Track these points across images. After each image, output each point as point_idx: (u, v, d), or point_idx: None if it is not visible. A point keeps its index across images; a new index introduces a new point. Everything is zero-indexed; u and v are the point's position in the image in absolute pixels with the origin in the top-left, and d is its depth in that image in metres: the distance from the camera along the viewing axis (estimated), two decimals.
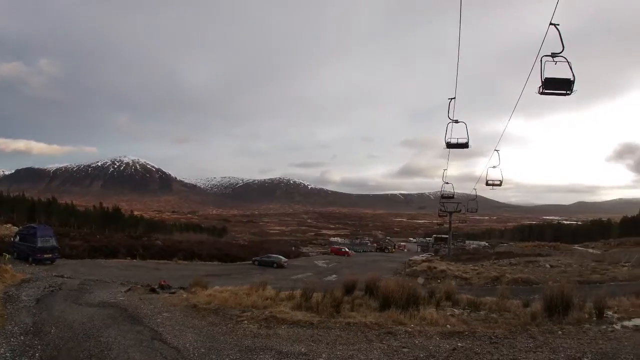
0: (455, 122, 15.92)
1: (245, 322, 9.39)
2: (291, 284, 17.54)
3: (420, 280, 26.90)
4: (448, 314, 10.19)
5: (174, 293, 14.95)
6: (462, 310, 10.84)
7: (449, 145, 17.34)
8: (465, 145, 17.41)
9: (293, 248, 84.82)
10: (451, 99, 14.62)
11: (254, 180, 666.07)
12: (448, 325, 8.85)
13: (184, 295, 13.60)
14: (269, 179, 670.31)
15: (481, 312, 10.53)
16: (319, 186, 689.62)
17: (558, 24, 9.22)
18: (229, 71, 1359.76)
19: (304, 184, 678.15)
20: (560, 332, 8.12)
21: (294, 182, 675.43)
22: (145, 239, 60.66)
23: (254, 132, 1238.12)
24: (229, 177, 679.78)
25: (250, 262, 45.53)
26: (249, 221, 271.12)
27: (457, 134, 16.83)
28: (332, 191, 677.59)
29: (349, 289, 13.01)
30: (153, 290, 15.79)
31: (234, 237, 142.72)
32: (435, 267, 35.69)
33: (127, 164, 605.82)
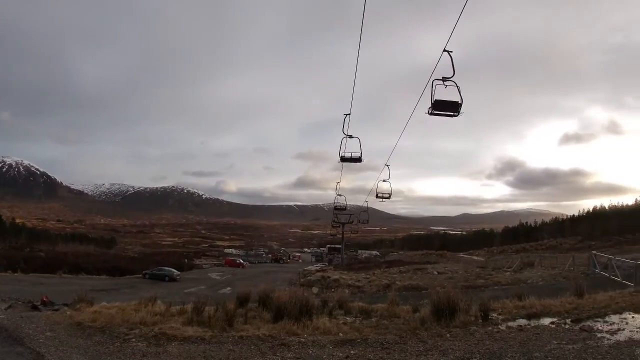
0: (350, 137, 17.08)
1: (134, 340, 9.13)
2: (184, 298, 16.96)
3: (315, 289, 27.83)
4: (341, 322, 10.50)
5: (57, 310, 14.46)
6: (354, 318, 11.17)
7: (343, 159, 18.52)
8: (358, 160, 18.70)
9: (186, 260, 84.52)
10: (346, 114, 15.94)
11: (146, 188, 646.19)
12: (341, 334, 9.07)
13: (68, 313, 13.01)
14: (161, 187, 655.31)
15: (373, 319, 10.85)
16: (214, 196, 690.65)
17: (451, 51, 10.15)
18: (121, 70, 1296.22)
19: (199, 194, 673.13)
20: (448, 335, 8.60)
21: (188, 191, 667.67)
22: (27, 250, 56.01)
23: (146, 136, 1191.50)
24: (119, 184, 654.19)
25: (141, 275, 45.60)
26: (140, 232, 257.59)
27: (351, 149, 18.05)
28: (227, 201, 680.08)
29: (243, 301, 13.18)
30: (35, 307, 15.40)
31: (123, 248, 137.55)
32: (329, 277, 37.00)
33: (10, 165, 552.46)
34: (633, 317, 9.61)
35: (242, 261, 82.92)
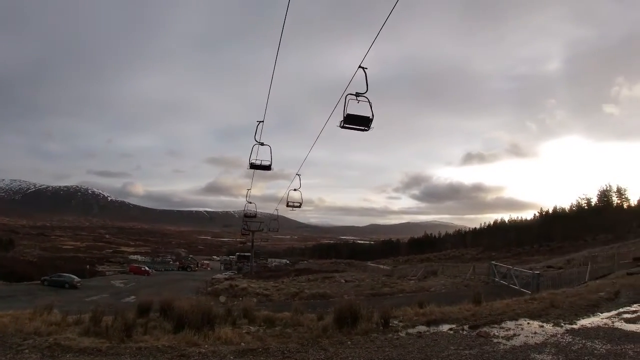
0: (261, 145, 17.23)
1: (27, 351, 8.55)
2: (84, 306, 15.91)
3: (222, 298, 27.77)
4: (244, 331, 10.32)
5: None
6: (258, 327, 11.03)
7: (253, 167, 18.60)
8: (268, 168, 18.90)
9: (88, 266, 79.22)
10: (260, 122, 16.21)
11: (48, 187, 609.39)
12: (243, 343, 8.95)
13: None
14: (64, 187, 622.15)
15: (277, 328, 10.78)
16: (120, 198, 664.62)
17: (366, 68, 10.60)
18: (26, 58, 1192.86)
19: (104, 195, 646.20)
20: (349, 342, 8.70)
21: (93, 192, 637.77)
22: None
23: (48, 130, 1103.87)
24: (19, 181, 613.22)
25: (40, 281, 44.32)
26: (40, 234, 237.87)
27: (263, 157, 18.21)
28: (134, 205, 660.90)
29: (143, 310, 12.79)
30: None
31: (22, 251, 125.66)
32: (237, 285, 36.93)
33: None
34: (528, 323, 10.17)
35: (147, 268, 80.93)
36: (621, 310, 11.40)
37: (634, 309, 11.41)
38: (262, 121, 16.07)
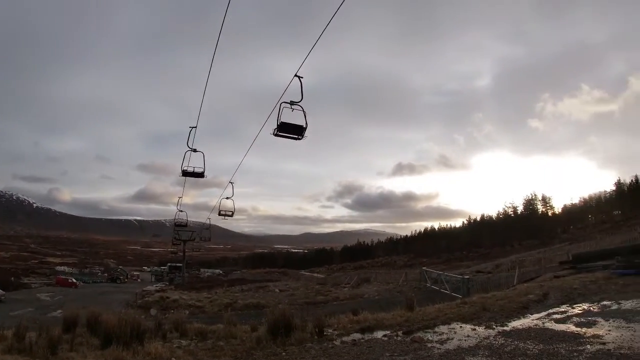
0: (194, 151, 17.05)
1: None
2: (8, 321, 14.71)
3: (153, 311, 27.01)
4: (175, 346, 10.03)
5: None
6: (189, 341, 10.63)
7: (185, 174, 18.27)
8: (200, 175, 18.83)
9: (12, 278, 73.93)
10: (192, 127, 15.90)
11: None
12: (173, 359, 8.52)
13: None
14: None
15: (209, 341, 10.43)
16: (45, 205, 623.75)
17: (302, 77, 10.70)
18: None
19: (29, 202, 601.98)
20: (284, 353, 8.57)
21: (18, 197, 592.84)
22: None
23: None
24: None
25: None
26: None
27: (195, 163, 17.92)
28: (60, 212, 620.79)
29: (70, 325, 12.21)
30: None
31: None
32: (168, 297, 35.94)
33: None
34: (461, 326, 10.27)
35: (75, 280, 76.60)
36: (550, 311, 11.73)
37: (563, 309, 11.77)
38: (195, 127, 15.84)
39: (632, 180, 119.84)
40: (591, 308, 11.48)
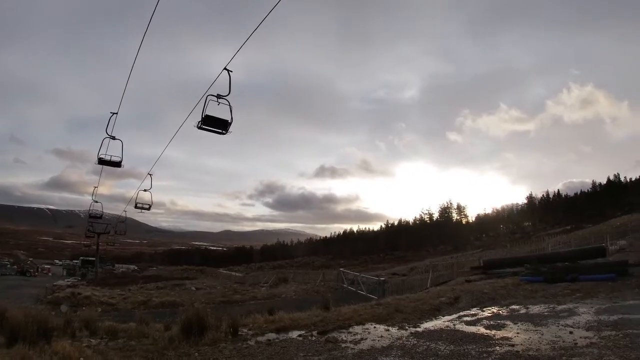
0: (112, 139, 16.59)
1: None
2: None
3: (64, 307, 25.35)
4: (84, 345, 9.47)
5: None
6: (99, 340, 10.08)
7: (102, 162, 17.82)
8: (118, 165, 18.45)
9: None
10: (113, 113, 14.96)
11: None
12: (82, 359, 7.99)
13: None
14: None
15: (120, 340, 9.95)
16: None
17: (231, 71, 10.60)
18: None
19: None
20: (196, 353, 8.39)
21: None
22: None
23: None
24: None
25: None
26: None
27: (113, 152, 17.53)
28: None
29: None
30: None
31: None
32: (80, 293, 33.80)
33: None
34: (375, 327, 10.34)
35: None
36: (461, 313, 12.08)
37: (473, 312, 12.14)
38: (116, 113, 15.15)
39: (542, 195, 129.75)
40: (500, 311, 11.88)
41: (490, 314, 11.60)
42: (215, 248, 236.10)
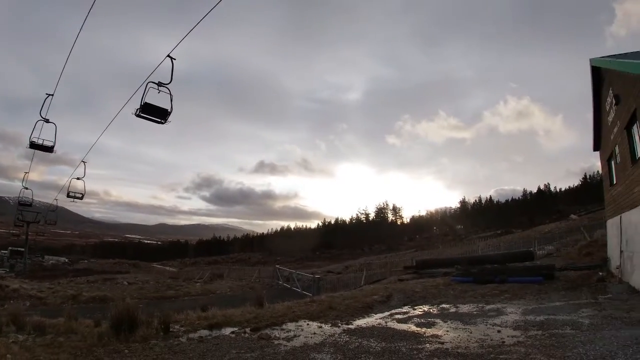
0: (46, 122, 15.91)
1: None
2: None
3: None
4: (11, 341, 9.01)
5: None
6: (27, 336, 9.56)
7: (33, 146, 17.15)
8: (50, 149, 17.52)
9: None
10: (49, 95, 14.16)
11: None
12: (9, 355, 7.74)
13: None
14: None
15: (48, 336, 9.46)
16: None
17: (175, 59, 10.34)
18: None
19: None
20: (127, 350, 8.16)
21: None
22: None
23: None
24: None
25: None
26: None
27: (46, 135, 16.91)
28: None
29: None
30: None
31: None
32: (7, 286, 32.08)
33: None
34: (308, 324, 10.36)
35: None
36: (393, 311, 12.28)
37: (405, 310, 12.38)
38: (52, 95, 14.29)
39: (475, 200, 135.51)
40: (431, 310, 12.16)
41: (421, 313, 11.85)
42: (149, 242, 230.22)
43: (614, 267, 16.82)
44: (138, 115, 11.02)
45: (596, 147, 20.62)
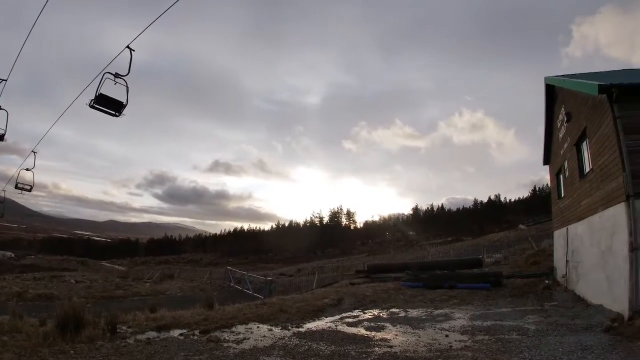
0: None
1: None
2: None
3: None
4: None
5: None
6: None
7: None
8: (0, 138, 16.32)
9: None
10: (2, 80, 13.81)
11: None
12: None
13: None
14: None
15: None
16: None
17: (134, 50, 9.84)
18: None
19: None
20: (72, 351, 7.87)
21: None
22: None
23: None
24: None
25: None
26: None
27: None
28: None
29: None
30: None
31: None
32: None
33: None
34: (258, 327, 10.30)
35: None
36: (344, 315, 12.37)
37: (355, 314, 12.47)
38: (6, 80, 13.67)
39: (427, 207, 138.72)
40: (381, 314, 12.30)
41: (371, 316, 11.97)
42: (98, 238, 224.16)
43: (560, 275, 17.45)
44: (92, 107, 10.64)
45: (546, 161, 21.39)
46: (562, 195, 18.14)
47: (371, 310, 13.05)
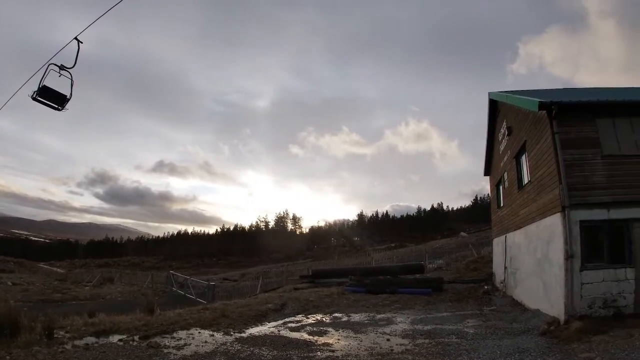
0: None
1: None
2: None
3: None
4: None
5: None
6: None
7: None
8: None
9: None
10: None
11: None
12: None
13: None
14: None
15: None
16: None
17: (82, 42, 9.60)
18: None
19: None
20: (8, 357, 7.68)
21: None
22: None
23: None
24: None
25: None
26: None
27: None
28: None
29: None
30: None
31: None
32: None
33: None
34: (199, 332, 10.18)
35: None
36: (287, 320, 12.41)
37: (298, 319, 12.53)
38: None
39: (372, 214, 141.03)
40: (324, 319, 12.40)
41: (314, 321, 12.04)
42: (36, 239, 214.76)
43: (499, 281, 18.09)
44: (34, 99, 10.26)
45: (487, 172, 22.16)
46: (502, 205, 18.83)
47: (314, 315, 13.13)
